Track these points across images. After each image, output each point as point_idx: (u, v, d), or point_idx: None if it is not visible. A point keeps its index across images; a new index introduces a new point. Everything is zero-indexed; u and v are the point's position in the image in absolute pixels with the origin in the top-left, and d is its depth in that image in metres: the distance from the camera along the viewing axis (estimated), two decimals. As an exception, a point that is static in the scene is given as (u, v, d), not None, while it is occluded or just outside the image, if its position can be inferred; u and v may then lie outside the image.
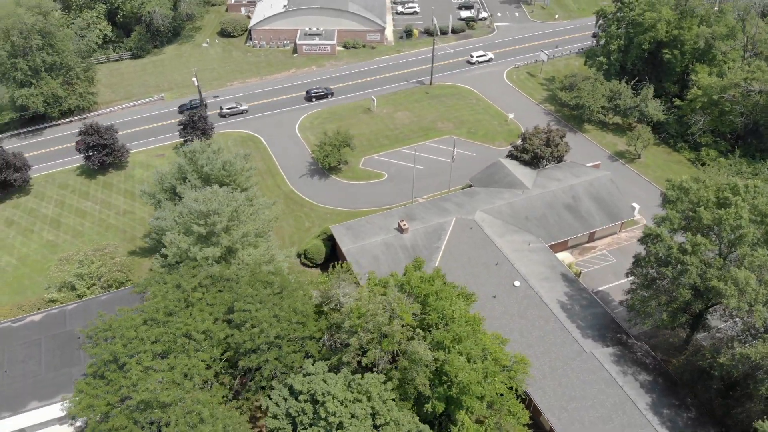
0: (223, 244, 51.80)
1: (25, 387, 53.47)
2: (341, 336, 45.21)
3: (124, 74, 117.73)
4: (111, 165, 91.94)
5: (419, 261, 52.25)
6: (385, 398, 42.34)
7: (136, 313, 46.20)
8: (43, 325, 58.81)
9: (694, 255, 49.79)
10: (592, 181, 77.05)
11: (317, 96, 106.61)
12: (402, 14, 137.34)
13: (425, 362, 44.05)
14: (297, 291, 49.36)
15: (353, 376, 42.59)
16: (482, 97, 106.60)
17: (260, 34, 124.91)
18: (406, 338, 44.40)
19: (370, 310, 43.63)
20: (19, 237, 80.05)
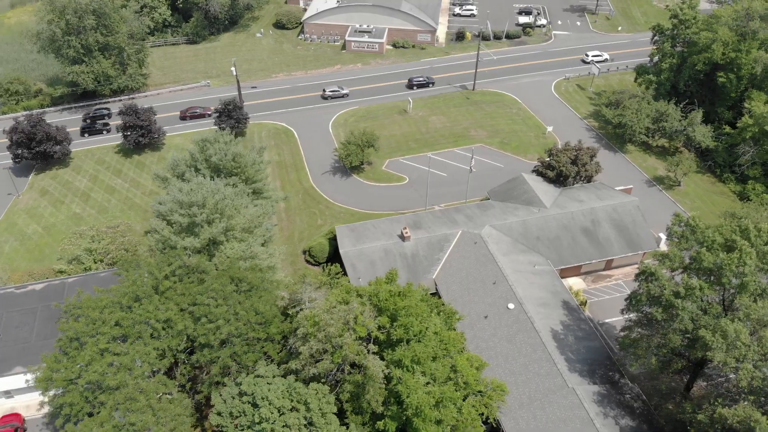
0: (204, 236, 52.16)
1: (14, 352, 55.88)
2: (296, 342, 44.53)
3: (177, 58, 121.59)
4: (146, 146, 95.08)
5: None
6: (326, 411, 41.30)
7: (106, 295, 47.23)
8: (42, 294, 61.35)
9: (688, 299, 45.77)
10: (616, 206, 72.61)
11: (419, 84, 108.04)
12: (459, 16, 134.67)
13: (375, 379, 42.64)
14: (263, 291, 49.01)
15: (295, 384, 41.84)
16: (524, 106, 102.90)
17: (312, 28, 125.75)
18: (355, 352, 43.13)
19: (323, 320, 42.66)
20: (50, 207, 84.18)
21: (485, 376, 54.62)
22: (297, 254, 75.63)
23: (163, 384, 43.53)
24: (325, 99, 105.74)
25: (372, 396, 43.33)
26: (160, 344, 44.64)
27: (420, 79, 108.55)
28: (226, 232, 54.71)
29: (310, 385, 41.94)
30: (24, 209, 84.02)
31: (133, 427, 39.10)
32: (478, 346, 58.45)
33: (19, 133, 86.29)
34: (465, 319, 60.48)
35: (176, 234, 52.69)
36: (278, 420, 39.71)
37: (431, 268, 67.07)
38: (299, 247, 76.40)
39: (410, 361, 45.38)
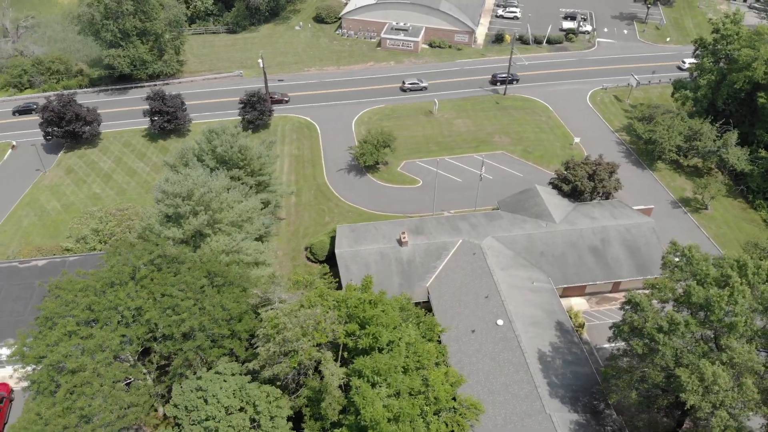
0: (187, 228, 52.44)
1: (8, 324, 57.88)
2: (257, 343, 44.16)
3: (214, 47, 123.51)
4: (172, 131, 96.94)
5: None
6: (275, 414, 40.76)
7: (83, 278, 48.10)
8: (43, 270, 63.29)
9: (672, 334, 42.90)
10: (630, 227, 69.12)
11: (503, 80, 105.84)
12: (501, 18, 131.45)
13: (329, 388, 41.80)
14: (236, 287, 48.85)
15: (248, 385, 41.45)
16: (555, 115, 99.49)
17: (350, 23, 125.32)
18: (310, 358, 42.39)
19: (282, 323, 42.09)
20: (72, 186, 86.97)
21: (463, 392, 53.26)
22: (299, 250, 75.50)
23: (123, 371, 44.02)
24: (403, 91, 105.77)
25: (328, 404, 42.50)
26: (127, 331, 45.13)
27: (504, 76, 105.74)
28: (213, 224, 54.89)
29: (262, 388, 41.52)
30: (48, 186, 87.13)
31: (81, 411, 39.69)
32: (461, 361, 56.75)
33: (49, 111, 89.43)
34: (449, 331, 59.07)
35: (161, 223, 53.22)
36: (224, 419, 39.46)
37: (426, 275, 65.59)
38: (303, 243, 76.21)
39: (371, 371, 44.27)
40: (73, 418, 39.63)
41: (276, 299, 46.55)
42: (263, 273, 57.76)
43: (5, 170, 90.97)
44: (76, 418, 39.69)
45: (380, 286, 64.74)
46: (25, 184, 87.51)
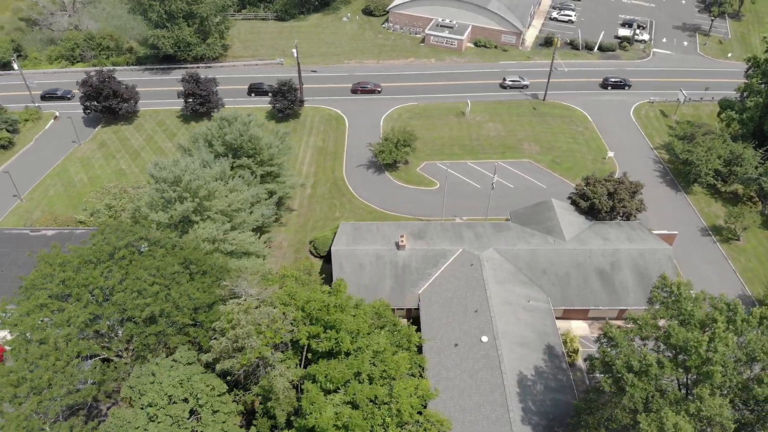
0: (172, 213, 52.90)
1: (10, 289, 60.24)
2: (214, 336, 44.07)
3: (261, 34, 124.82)
4: (204, 114, 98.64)
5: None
6: (217, 408, 40.55)
7: (66, 252, 49.36)
8: (50, 240, 65.64)
9: (644, 375, 39.84)
10: (644, 252, 64.98)
11: (614, 84, 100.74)
12: (555, 20, 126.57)
13: (276, 389, 41.20)
14: (207, 277, 48.89)
15: (195, 376, 41.36)
16: (593, 126, 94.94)
17: (396, 17, 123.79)
18: (256, 356, 41.86)
19: (235, 319, 41.76)
20: (102, 160, 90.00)
21: (435, 407, 51.69)
22: (304, 243, 75.26)
23: (87, 348, 44.91)
24: (503, 88, 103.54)
25: (275, 404, 41.96)
26: (99, 310, 45.97)
27: (615, 80, 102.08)
28: (202, 212, 55.21)
29: (208, 381, 41.39)
30: (79, 158, 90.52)
31: (31, 383, 40.76)
32: (439, 374, 54.98)
33: (88, 86, 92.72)
34: (431, 342, 57.39)
35: (150, 207, 53.97)
36: (165, 407, 39.59)
37: (420, 282, 63.91)
38: (309, 236, 75.91)
39: (324, 377, 43.38)
40: (23, 388, 40.79)
41: (243, 293, 46.26)
42: (251, 264, 57.75)
43: (45, 139, 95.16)
44: (27, 389, 40.83)
45: (372, 288, 63.85)
46: (59, 155, 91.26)
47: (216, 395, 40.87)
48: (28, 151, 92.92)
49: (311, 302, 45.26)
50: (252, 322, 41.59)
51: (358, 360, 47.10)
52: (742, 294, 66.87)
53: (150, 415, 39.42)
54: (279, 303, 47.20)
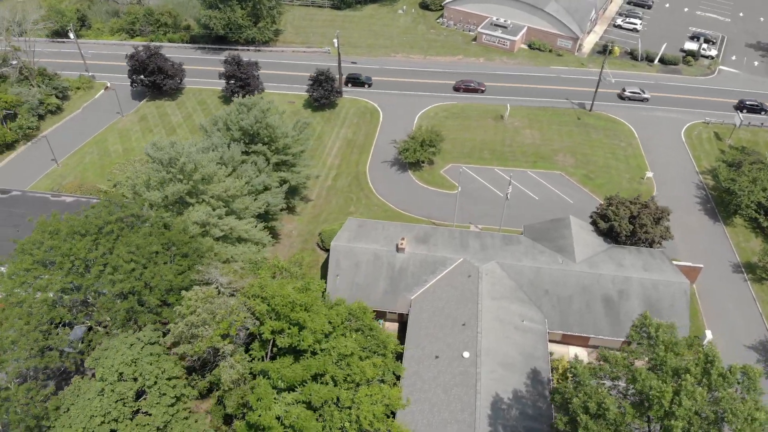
0: (164, 193, 53.66)
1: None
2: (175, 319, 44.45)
3: (313, 21, 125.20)
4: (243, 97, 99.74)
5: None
6: (164, 392, 40.86)
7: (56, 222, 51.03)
8: (69, 206, 68.32)
9: (602, 419, 37.09)
10: (658, 284, 60.68)
11: (750, 108, 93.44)
12: (619, 28, 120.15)
13: (224, 381, 41.13)
14: (188, 260, 49.30)
15: (148, 357, 41.77)
16: (637, 142, 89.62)
17: (452, 12, 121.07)
18: (208, 345, 41.80)
19: (192, 306, 41.86)
20: (139, 132, 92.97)
21: (403, 418, 50.50)
22: (314, 234, 75.05)
23: (59, 315, 46.40)
24: (621, 99, 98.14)
25: (223, 394, 41.94)
26: (75, 279, 47.35)
27: (752, 103, 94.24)
28: (197, 195, 55.75)
29: (161, 364, 41.75)
30: (119, 129, 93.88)
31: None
32: (414, 385, 53.49)
33: (135, 60, 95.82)
34: (411, 351, 55.93)
35: (146, 185, 55.01)
36: (114, 383, 40.33)
37: (414, 287, 62.32)
38: (319, 228, 75.64)
39: (276, 375, 42.93)
40: (-12, 346, 42.75)
41: (214, 280, 46.39)
42: (243, 251, 58.02)
43: (92, 108, 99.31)
44: (-9, 347, 42.76)
45: (365, 288, 62.88)
46: (102, 124, 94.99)
47: (165, 378, 41.21)
48: (75, 117, 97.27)
49: (276, 298, 44.80)
50: (208, 311, 41.61)
51: (319, 361, 46.47)
52: (765, 340, 61.45)
53: (98, 389, 40.24)
54: (250, 295, 47.05)
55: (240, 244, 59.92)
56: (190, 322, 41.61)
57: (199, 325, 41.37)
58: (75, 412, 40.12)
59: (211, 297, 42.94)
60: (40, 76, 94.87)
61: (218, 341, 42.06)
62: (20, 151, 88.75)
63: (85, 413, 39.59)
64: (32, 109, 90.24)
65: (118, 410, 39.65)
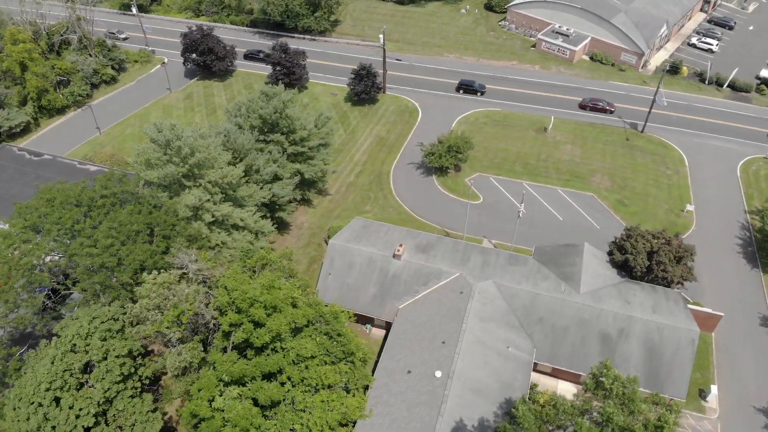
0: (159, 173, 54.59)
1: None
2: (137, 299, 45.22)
3: (374, 14, 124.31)
4: (288, 85, 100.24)
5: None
6: (111, 368, 41.64)
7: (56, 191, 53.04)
8: (90, 175, 71.22)
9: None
10: (664, 328, 56.05)
11: None
12: (693, 47, 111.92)
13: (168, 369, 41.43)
14: (167, 242, 49.99)
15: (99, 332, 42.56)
16: (686, 171, 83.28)
17: (514, 16, 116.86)
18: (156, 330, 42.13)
19: (146, 290, 42.33)
20: (182, 110, 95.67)
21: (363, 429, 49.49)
22: (324, 229, 74.66)
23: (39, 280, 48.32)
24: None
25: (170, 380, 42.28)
26: (59, 247, 49.12)
27: None
28: (195, 178, 56.44)
29: (111, 343, 42.51)
30: (164, 104, 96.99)
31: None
32: (380, 397, 52.13)
33: (187, 39, 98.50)
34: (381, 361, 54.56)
35: (146, 164, 56.16)
36: (65, 353, 41.49)
37: (403, 297, 60.63)
38: (331, 223, 75.14)
39: (221, 367, 42.76)
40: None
41: (186, 265, 46.78)
42: (235, 238, 58.39)
43: (146, 81, 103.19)
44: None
45: (355, 290, 61.89)
46: (150, 98, 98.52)
47: (114, 356, 41.98)
48: (127, 89, 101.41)
49: (235, 292, 44.60)
50: (162, 296, 41.96)
51: (274, 360, 46.02)
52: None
53: (52, 357, 41.57)
54: (219, 285, 47.14)
55: (236, 231, 60.29)
56: (143, 305, 42.19)
57: (150, 309, 41.86)
58: (29, 376, 41.67)
59: (169, 283, 43.32)
60: (98, 47, 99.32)
61: (168, 327, 42.40)
62: (69, 117, 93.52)
63: (36, 378, 41.02)
64: (86, 77, 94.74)
65: (64, 380, 40.85)
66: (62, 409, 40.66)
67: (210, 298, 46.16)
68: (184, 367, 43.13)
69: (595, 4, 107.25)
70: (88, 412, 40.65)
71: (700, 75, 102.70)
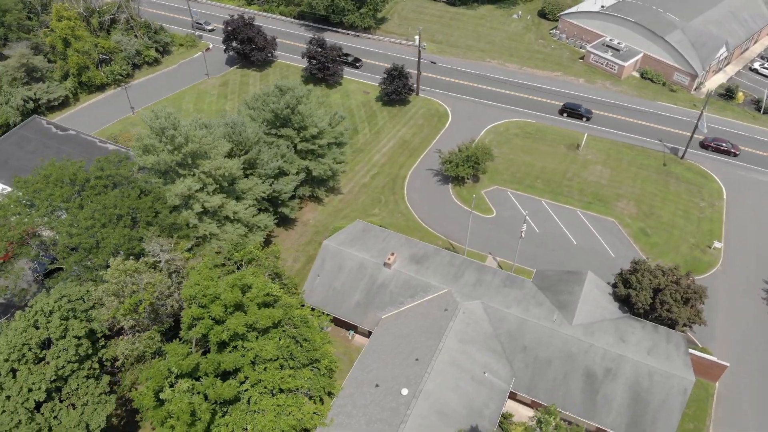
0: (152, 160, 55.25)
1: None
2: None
3: (422, 14, 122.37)
4: (322, 80, 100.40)
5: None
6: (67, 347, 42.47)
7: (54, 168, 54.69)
8: (106, 152, 73.03)
9: None
10: (655, 373, 52.25)
11: None
12: (755, 72, 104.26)
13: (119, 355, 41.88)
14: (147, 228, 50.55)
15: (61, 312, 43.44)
16: (722, 205, 77.68)
17: (566, 25, 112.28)
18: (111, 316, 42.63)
19: (110, 275, 42.84)
20: (215, 96, 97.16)
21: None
22: (328, 228, 73.99)
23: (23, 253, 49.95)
24: None
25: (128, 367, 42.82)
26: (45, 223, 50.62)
27: None
28: (190, 167, 56.84)
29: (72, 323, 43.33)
30: (200, 89, 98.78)
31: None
32: (343, 407, 51.08)
33: (229, 27, 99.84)
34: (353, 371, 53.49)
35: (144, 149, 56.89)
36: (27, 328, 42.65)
37: (388, 307, 59.21)
38: (335, 222, 74.44)
39: (173, 359, 42.83)
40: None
41: (157, 254, 47.14)
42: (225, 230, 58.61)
43: (188, 66, 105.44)
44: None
45: (341, 294, 61.03)
46: (188, 82, 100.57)
47: (72, 335, 42.79)
48: (169, 72, 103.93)
49: (197, 286, 44.56)
50: (121, 283, 42.38)
51: (229, 358, 45.85)
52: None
53: (14, 330, 42.85)
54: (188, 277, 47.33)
55: (229, 223, 60.45)
56: (101, 290, 42.78)
57: (109, 295, 42.39)
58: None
59: (133, 270, 43.71)
60: (144, 28, 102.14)
61: (123, 315, 42.81)
62: (108, 94, 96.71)
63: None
64: (128, 57, 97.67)
65: (22, 353, 42.01)
66: (17, 381, 41.81)
67: (177, 289, 46.33)
68: (138, 355, 43.51)
69: (651, 20, 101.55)
70: (40, 387, 41.62)
71: (756, 103, 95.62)
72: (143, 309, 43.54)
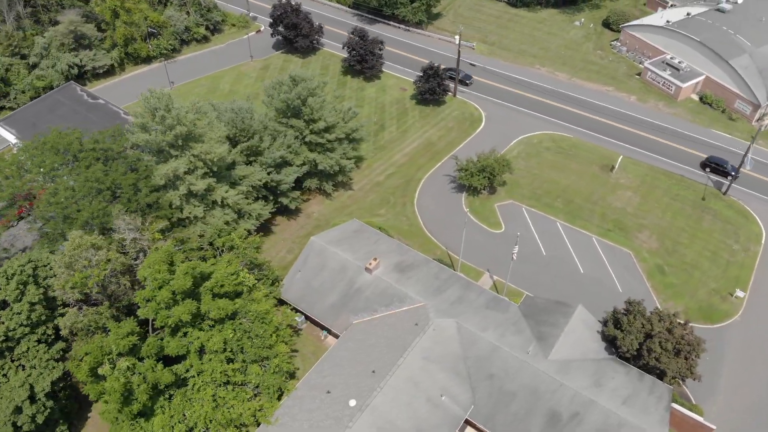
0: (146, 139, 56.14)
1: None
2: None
3: (480, 14, 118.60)
4: (360, 72, 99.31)
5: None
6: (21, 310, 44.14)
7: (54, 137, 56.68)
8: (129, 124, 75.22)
9: None
10: (624, 425, 48.20)
11: None
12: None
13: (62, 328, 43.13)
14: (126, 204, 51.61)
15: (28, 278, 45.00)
16: (758, 251, 70.87)
17: (628, 37, 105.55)
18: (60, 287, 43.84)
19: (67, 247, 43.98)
20: (252, 79, 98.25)
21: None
22: (330, 223, 73.16)
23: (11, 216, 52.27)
24: None
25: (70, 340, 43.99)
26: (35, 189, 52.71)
27: None
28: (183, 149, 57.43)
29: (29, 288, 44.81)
30: (240, 71, 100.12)
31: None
32: (291, 409, 50.34)
33: (276, 11, 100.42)
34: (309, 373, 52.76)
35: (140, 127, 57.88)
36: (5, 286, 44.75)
37: (361, 312, 57.78)
38: (339, 218, 73.55)
39: (113, 338, 43.46)
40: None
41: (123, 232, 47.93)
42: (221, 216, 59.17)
43: (236, 46, 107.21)
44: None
45: (318, 293, 60.36)
46: (231, 62, 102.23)
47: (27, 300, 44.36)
48: (216, 50, 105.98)
49: (148, 269, 44.92)
50: (72, 257, 43.30)
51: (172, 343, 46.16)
52: None
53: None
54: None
55: (219, 208, 60.80)
56: (55, 260, 43.92)
57: (62, 267, 43.46)
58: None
59: (88, 245, 44.54)
60: (195, 6, 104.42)
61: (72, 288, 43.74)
62: (153, 67, 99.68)
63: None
64: (176, 33, 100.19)
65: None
66: (-29, 338, 43.86)
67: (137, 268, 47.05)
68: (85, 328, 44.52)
69: (718, 41, 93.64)
70: (-9, 345, 43.53)
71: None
72: (92, 284, 44.48)
